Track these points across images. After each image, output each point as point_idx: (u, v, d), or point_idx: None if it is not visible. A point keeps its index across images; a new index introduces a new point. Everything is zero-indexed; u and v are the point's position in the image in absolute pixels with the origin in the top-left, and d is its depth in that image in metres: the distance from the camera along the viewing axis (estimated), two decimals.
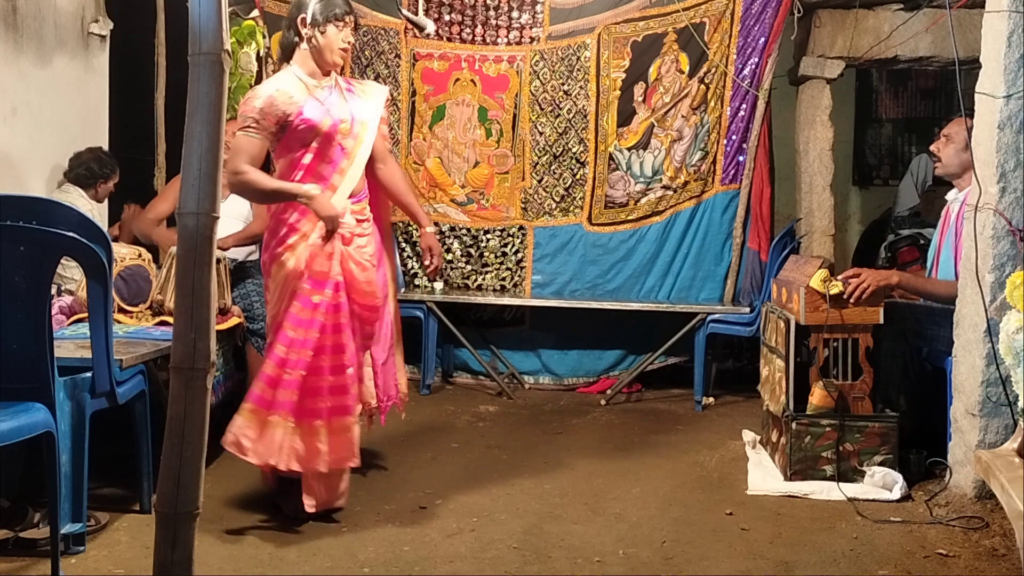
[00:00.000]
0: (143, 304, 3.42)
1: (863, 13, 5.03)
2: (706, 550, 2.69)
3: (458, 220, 5.21)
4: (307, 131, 2.94)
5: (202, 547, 2.18)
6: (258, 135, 2.91)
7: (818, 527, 2.87)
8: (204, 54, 1.70)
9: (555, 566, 2.57)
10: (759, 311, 4.17)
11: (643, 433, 4.09)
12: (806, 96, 5.24)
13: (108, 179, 4.35)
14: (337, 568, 2.54)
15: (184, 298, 1.70)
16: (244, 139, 2.91)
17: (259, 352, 3.78)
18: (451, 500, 3.11)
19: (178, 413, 1.70)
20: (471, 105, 5.16)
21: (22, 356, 2.31)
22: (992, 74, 2.96)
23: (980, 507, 2.92)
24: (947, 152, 3.50)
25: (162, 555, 1.70)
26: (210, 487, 3.04)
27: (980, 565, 2.56)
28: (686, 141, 4.99)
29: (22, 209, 2.38)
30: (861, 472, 3.19)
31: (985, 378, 2.92)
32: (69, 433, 2.55)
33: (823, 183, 5.21)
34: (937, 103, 6.82)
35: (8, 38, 4.04)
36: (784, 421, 3.30)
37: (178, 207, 1.71)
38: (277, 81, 2.99)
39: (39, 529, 2.58)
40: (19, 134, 4.13)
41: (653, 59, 4.99)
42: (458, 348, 5.14)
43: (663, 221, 5.06)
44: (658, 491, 3.24)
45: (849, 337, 3.25)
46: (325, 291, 2.90)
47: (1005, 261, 2.91)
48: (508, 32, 5.13)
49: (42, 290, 2.32)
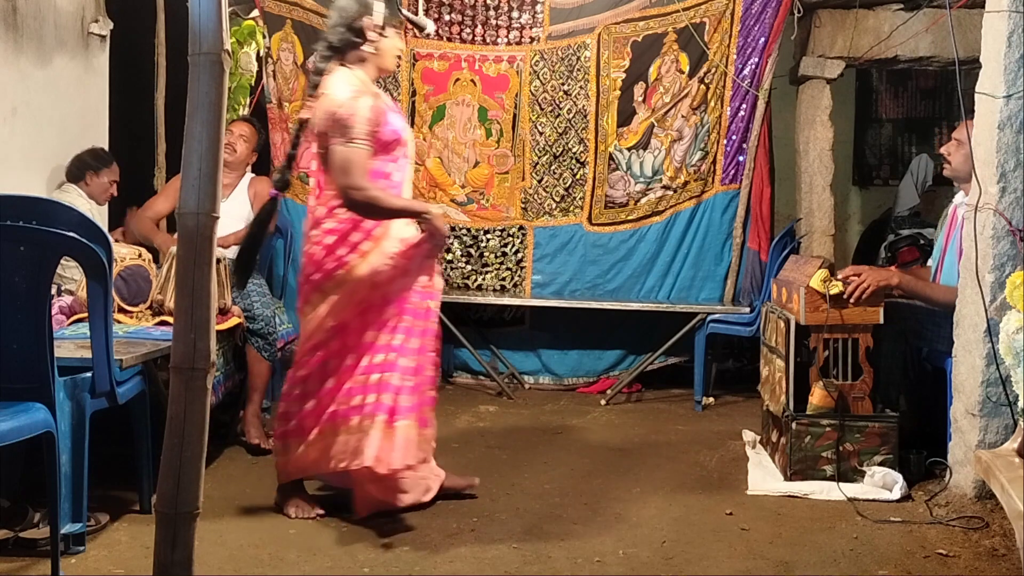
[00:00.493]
0: (143, 304, 3.42)
1: (863, 13, 5.03)
2: (706, 550, 2.69)
3: (458, 220, 5.21)
4: (393, 142, 2.85)
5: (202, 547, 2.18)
6: (369, 146, 2.76)
7: (818, 527, 2.87)
8: (204, 54, 1.70)
9: (555, 566, 2.57)
10: (759, 311, 4.17)
11: (643, 433, 4.09)
12: (806, 96, 5.24)
13: (99, 172, 4.31)
14: (337, 568, 2.54)
15: (184, 298, 1.70)
16: (358, 152, 2.73)
17: (259, 352, 3.79)
18: (451, 500, 3.11)
19: (178, 413, 1.70)
20: (471, 105, 5.16)
21: (22, 356, 2.31)
22: (992, 74, 2.96)
23: (980, 507, 2.93)
24: (958, 157, 3.44)
25: (162, 555, 1.70)
26: (210, 487, 3.04)
27: (980, 565, 2.56)
28: (686, 141, 4.99)
29: (22, 209, 2.38)
30: (861, 472, 3.19)
31: (985, 378, 2.92)
32: (69, 433, 2.55)
33: (823, 183, 5.21)
34: (937, 103, 6.82)
35: (8, 38, 4.04)
36: (784, 421, 3.30)
37: (178, 207, 1.72)
38: (360, 84, 2.83)
39: (39, 529, 2.57)
40: (19, 134, 4.13)
41: (653, 59, 4.99)
42: (458, 348, 5.14)
43: (663, 221, 5.06)
44: (658, 491, 3.24)
45: (849, 337, 3.25)
46: (433, 300, 2.94)
47: (1005, 261, 2.91)
48: (508, 32, 5.14)
49: (42, 290, 2.32)
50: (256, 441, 3.64)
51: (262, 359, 3.79)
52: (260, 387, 3.79)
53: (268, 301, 3.95)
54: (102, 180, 4.34)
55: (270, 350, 3.82)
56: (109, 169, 4.37)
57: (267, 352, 3.80)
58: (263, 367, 3.81)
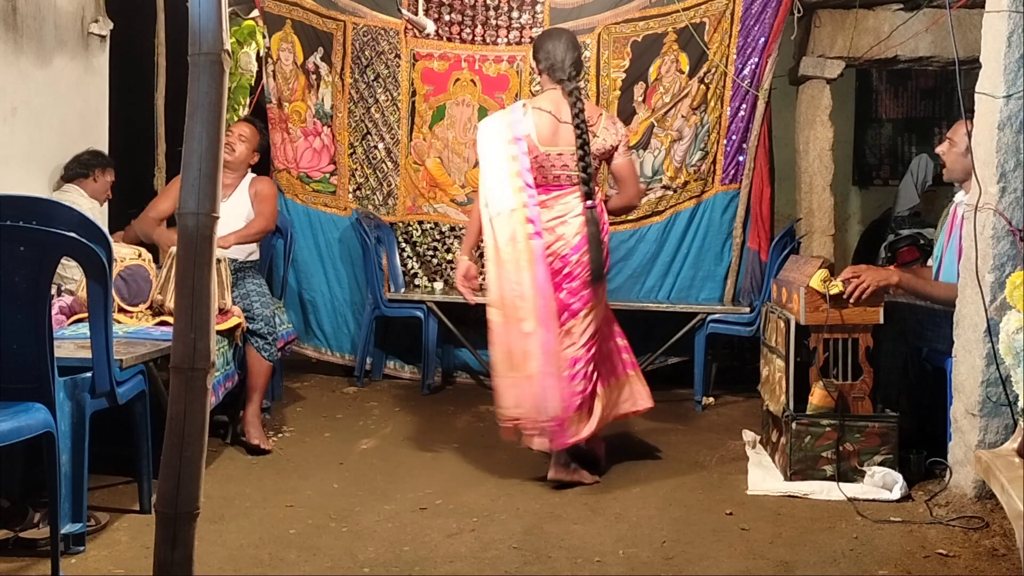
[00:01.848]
0: (143, 304, 3.42)
1: (863, 13, 5.03)
2: (706, 550, 2.69)
3: (458, 220, 5.20)
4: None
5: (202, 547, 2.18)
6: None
7: (818, 527, 2.87)
8: (204, 54, 1.70)
9: (555, 566, 2.57)
10: (759, 311, 4.17)
11: (643, 433, 4.09)
12: (806, 96, 5.24)
13: (105, 170, 4.35)
14: (337, 568, 2.54)
15: (184, 298, 1.70)
16: (633, 161, 3.56)
17: (259, 352, 3.79)
18: (451, 500, 3.11)
19: (178, 413, 1.70)
20: (471, 105, 5.16)
21: (22, 356, 2.31)
22: (992, 74, 2.96)
23: (980, 507, 2.93)
24: (950, 157, 3.48)
25: (162, 555, 1.70)
26: (210, 487, 3.04)
27: (980, 565, 2.57)
28: (686, 141, 4.99)
29: (22, 209, 2.38)
30: (861, 472, 3.19)
31: (985, 378, 2.92)
32: (69, 433, 2.55)
33: (823, 183, 5.21)
34: (937, 103, 6.82)
35: (8, 38, 4.04)
36: (784, 421, 3.30)
37: (178, 207, 1.71)
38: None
39: (39, 529, 2.57)
40: (19, 134, 4.13)
41: (653, 59, 4.99)
42: (458, 348, 5.14)
43: (663, 221, 5.06)
44: (658, 491, 3.24)
45: (849, 337, 3.25)
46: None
47: (1005, 261, 2.91)
48: (508, 32, 5.13)
49: (42, 290, 2.32)
50: (256, 441, 3.63)
51: (262, 359, 3.79)
52: (260, 387, 3.79)
53: (268, 301, 3.95)
54: (107, 179, 4.38)
55: (270, 350, 3.82)
56: (110, 169, 4.40)
57: (267, 352, 3.80)
58: (263, 367, 3.81)
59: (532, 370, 3.18)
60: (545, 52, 3.38)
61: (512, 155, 3.28)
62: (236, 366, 3.71)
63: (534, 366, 3.18)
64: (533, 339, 3.18)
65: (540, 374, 3.18)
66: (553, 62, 3.36)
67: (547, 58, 3.38)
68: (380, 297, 4.89)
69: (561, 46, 3.37)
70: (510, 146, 3.29)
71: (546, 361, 3.18)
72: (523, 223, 3.23)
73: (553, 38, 3.43)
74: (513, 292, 3.22)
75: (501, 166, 3.29)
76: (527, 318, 3.19)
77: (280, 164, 5.21)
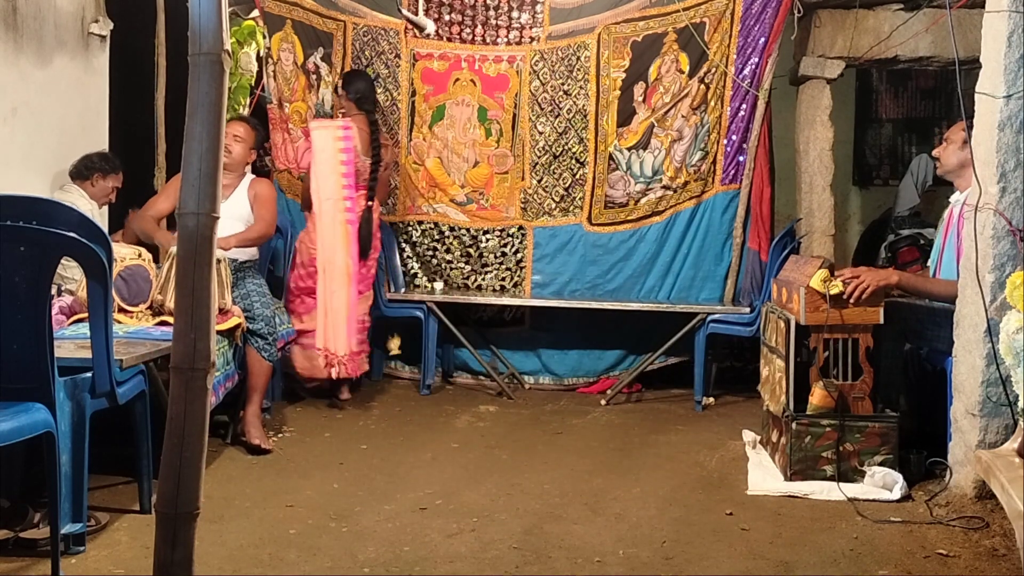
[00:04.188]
0: (143, 304, 3.42)
1: (863, 13, 5.03)
2: (706, 550, 2.69)
3: (458, 220, 5.21)
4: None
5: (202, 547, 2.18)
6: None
7: (818, 527, 2.87)
8: (204, 54, 1.70)
9: (555, 566, 2.57)
10: (759, 311, 4.17)
11: (643, 433, 4.09)
12: (806, 96, 5.23)
13: (106, 175, 4.34)
14: (337, 568, 2.54)
15: (184, 298, 1.70)
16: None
17: (259, 352, 3.79)
18: (451, 500, 3.11)
19: (178, 413, 1.70)
20: (471, 105, 5.16)
21: (22, 356, 2.31)
22: (992, 74, 2.96)
23: (980, 507, 2.92)
24: (946, 153, 3.56)
25: (162, 555, 1.70)
26: (210, 487, 3.04)
27: (980, 565, 2.56)
28: (686, 141, 4.99)
29: (22, 209, 2.38)
30: (861, 472, 3.19)
31: (985, 378, 2.92)
32: (69, 433, 2.55)
33: (823, 183, 5.21)
34: (937, 103, 6.82)
35: (8, 38, 4.04)
36: (784, 421, 3.30)
37: (178, 207, 1.71)
38: None
39: (39, 529, 2.57)
40: (19, 134, 4.13)
41: (653, 59, 4.99)
42: (458, 348, 5.14)
43: (663, 221, 5.06)
44: (658, 491, 3.24)
45: (849, 337, 3.25)
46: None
47: (1005, 261, 2.91)
48: (508, 32, 5.13)
49: (42, 290, 2.32)
50: (256, 441, 3.63)
51: (262, 359, 3.79)
52: (260, 387, 3.79)
53: (268, 301, 3.95)
54: (107, 184, 4.37)
55: (270, 350, 3.82)
56: (115, 175, 4.40)
57: (267, 352, 3.80)
58: (263, 367, 3.81)
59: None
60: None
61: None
62: (236, 366, 3.71)
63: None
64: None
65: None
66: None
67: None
68: (380, 297, 4.89)
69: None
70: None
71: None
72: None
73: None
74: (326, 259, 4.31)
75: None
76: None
77: (281, 164, 5.21)
